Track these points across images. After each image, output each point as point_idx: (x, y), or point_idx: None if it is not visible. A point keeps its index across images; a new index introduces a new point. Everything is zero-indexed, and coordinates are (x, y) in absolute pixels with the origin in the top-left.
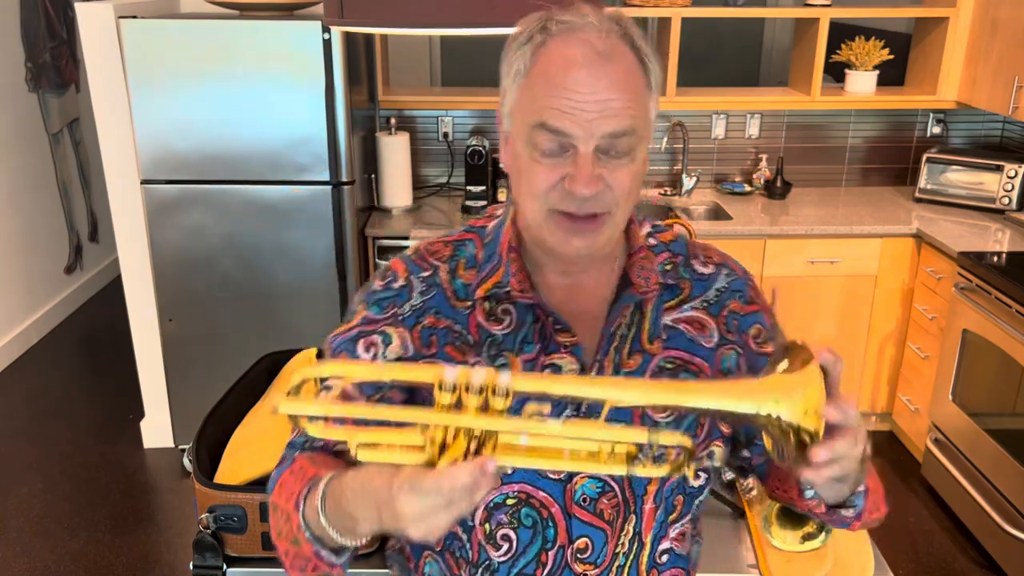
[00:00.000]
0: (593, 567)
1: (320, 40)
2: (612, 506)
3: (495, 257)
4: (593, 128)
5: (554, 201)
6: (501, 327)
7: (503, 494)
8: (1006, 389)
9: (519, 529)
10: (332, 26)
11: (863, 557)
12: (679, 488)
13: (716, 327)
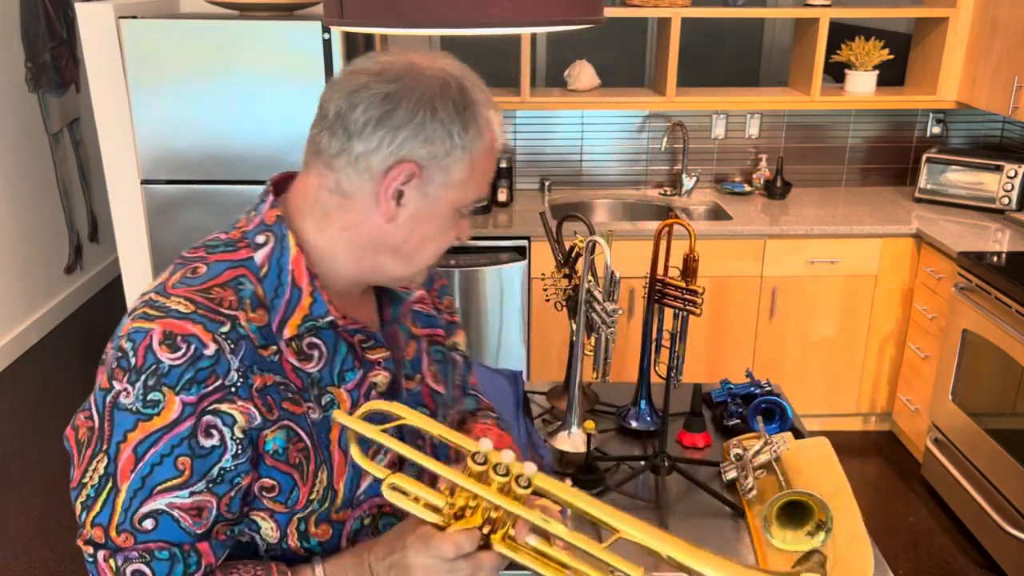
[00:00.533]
0: None
1: (320, 40)
2: (430, 477)
3: (284, 289)
4: None
5: (444, 249)
6: (313, 364)
7: (357, 520)
8: (1006, 389)
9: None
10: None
11: (863, 557)
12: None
13: (431, 299)
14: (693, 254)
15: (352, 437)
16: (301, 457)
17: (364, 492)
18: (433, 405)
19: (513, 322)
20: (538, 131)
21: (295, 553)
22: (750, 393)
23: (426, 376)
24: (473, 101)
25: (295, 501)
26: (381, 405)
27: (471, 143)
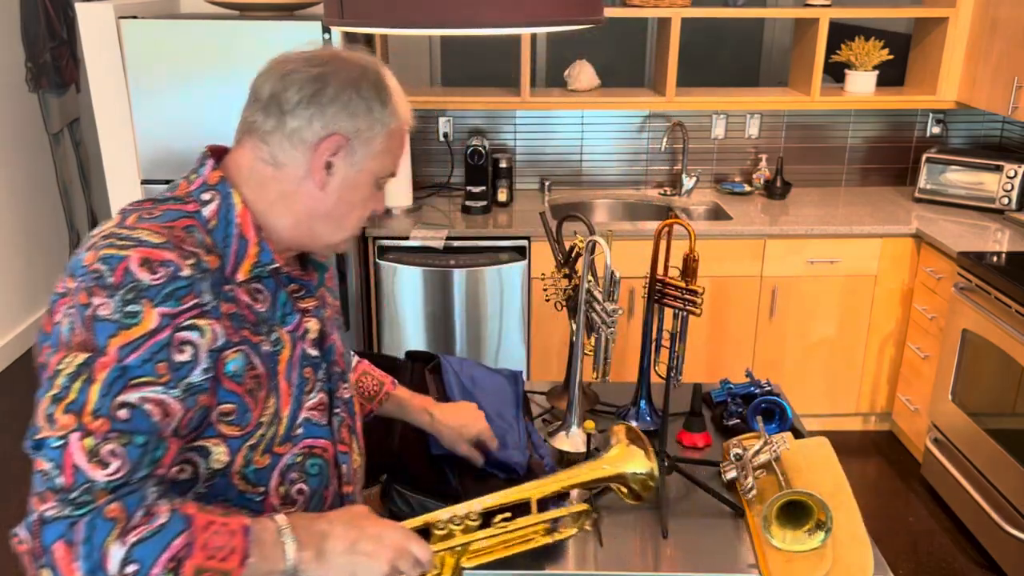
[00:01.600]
0: (350, 486)
1: (320, 40)
2: (347, 433)
3: (232, 240)
4: None
5: (364, 219)
6: (260, 305)
7: (292, 455)
8: (1006, 389)
9: (309, 480)
10: (332, 26)
11: (863, 557)
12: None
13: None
14: (693, 254)
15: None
16: (254, 383)
17: (302, 428)
18: (343, 365)
19: (513, 322)
20: (538, 131)
21: (231, 485)
22: (750, 393)
23: (336, 337)
24: (387, 86)
25: (247, 423)
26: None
27: (388, 119)
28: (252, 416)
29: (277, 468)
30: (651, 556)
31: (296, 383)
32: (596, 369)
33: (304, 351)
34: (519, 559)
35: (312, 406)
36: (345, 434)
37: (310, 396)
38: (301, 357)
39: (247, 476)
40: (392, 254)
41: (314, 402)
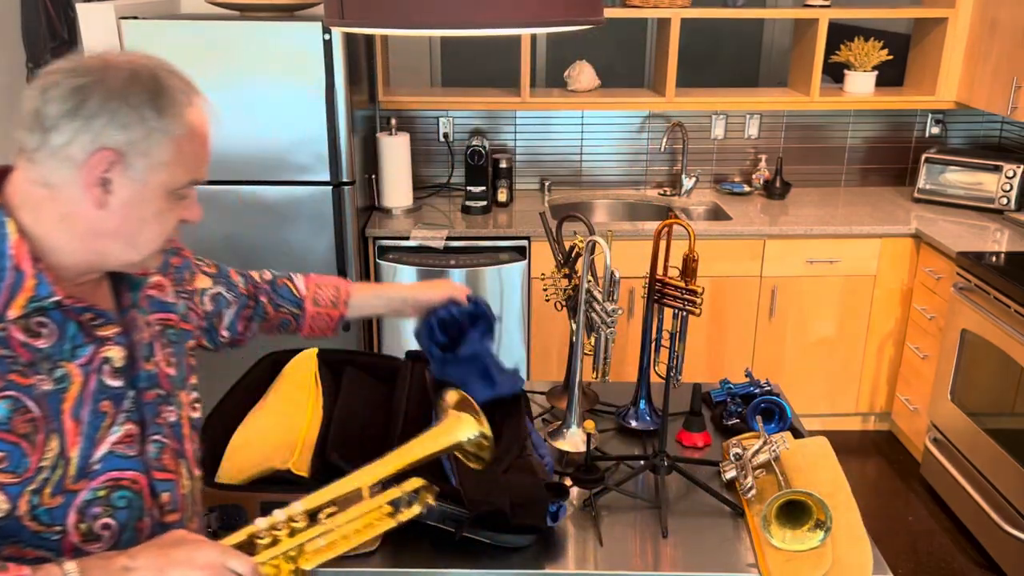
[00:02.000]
0: (175, 514)
1: (320, 41)
2: (171, 458)
3: (5, 274)
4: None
5: (168, 239)
6: (43, 340)
7: (92, 491)
8: (1005, 389)
9: (116, 513)
10: (332, 27)
11: (862, 556)
12: (196, 424)
13: (168, 284)
14: (693, 254)
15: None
16: (29, 427)
17: (100, 463)
18: (168, 387)
19: (513, 322)
20: (538, 131)
21: (22, 527)
22: (749, 393)
23: (160, 361)
24: (166, 87)
25: (25, 468)
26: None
27: (169, 127)
28: (31, 462)
29: (73, 506)
30: (651, 556)
31: (87, 420)
32: (596, 369)
33: (102, 383)
34: (517, 559)
35: (117, 440)
36: (168, 460)
37: (112, 431)
38: (97, 391)
39: (38, 517)
40: (392, 254)
41: (118, 436)
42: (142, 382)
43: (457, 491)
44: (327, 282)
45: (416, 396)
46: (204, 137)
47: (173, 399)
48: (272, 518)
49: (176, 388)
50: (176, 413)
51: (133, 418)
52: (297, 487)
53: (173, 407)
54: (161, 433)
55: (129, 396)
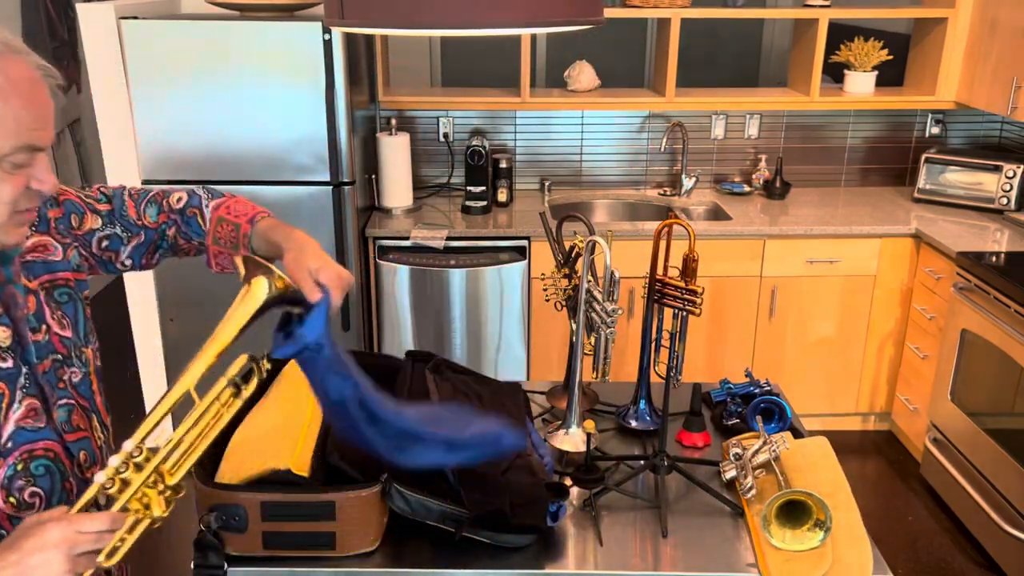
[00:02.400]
0: (96, 466)
1: (320, 41)
2: (80, 417)
3: None
4: (47, 139)
5: (22, 204)
6: None
7: (10, 467)
8: (1005, 389)
9: (38, 481)
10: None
11: (862, 556)
12: (99, 372)
13: (53, 237)
14: (692, 254)
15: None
16: None
17: (11, 440)
18: (64, 350)
19: (513, 322)
20: (538, 131)
21: None
22: (749, 393)
23: (52, 325)
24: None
25: None
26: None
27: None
28: None
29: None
30: (651, 556)
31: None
32: (596, 369)
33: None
34: (517, 559)
35: (20, 416)
36: (78, 420)
37: (13, 408)
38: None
39: None
40: (392, 254)
41: (21, 412)
42: (33, 355)
43: (457, 491)
44: (232, 215)
45: (416, 396)
46: (22, 99)
47: (73, 360)
48: (109, 468)
49: (76, 346)
50: (80, 371)
51: (31, 392)
52: (297, 487)
53: (75, 367)
54: (67, 396)
55: (23, 373)
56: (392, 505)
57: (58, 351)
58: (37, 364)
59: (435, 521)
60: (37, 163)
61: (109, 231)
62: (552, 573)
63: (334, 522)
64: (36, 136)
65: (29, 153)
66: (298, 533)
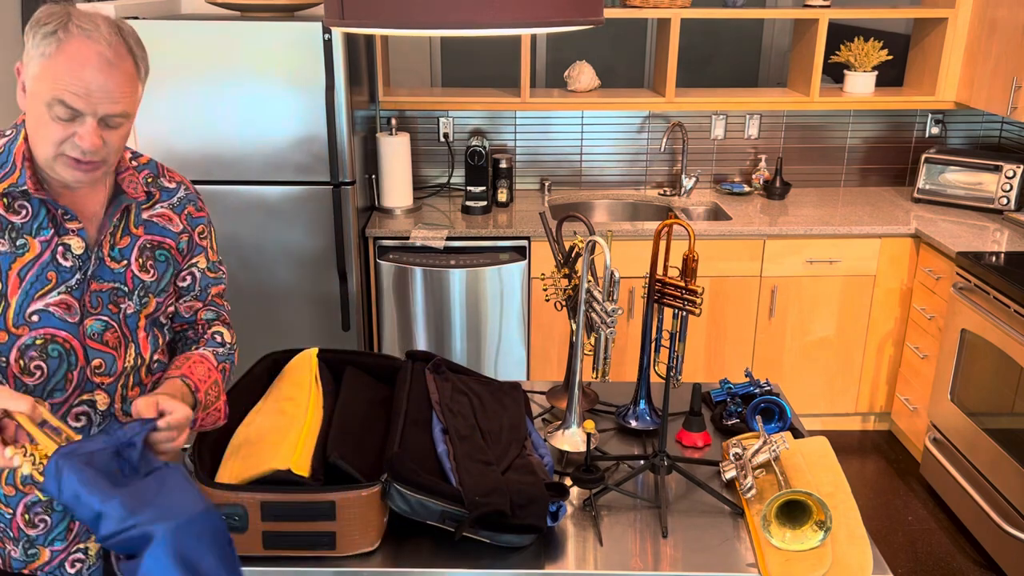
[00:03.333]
0: (108, 377)
1: (320, 41)
2: (115, 338)
3: (8, 165)
4: (98, 109)
5: (65, 149)
6: (19, 217)
7: (31, 338)
8: (1004, 389)
9: (48, 360)
10: (332, 27)
11: (862, 556)
12: (159, 324)
13: (180, 220)
14: (692, 254)
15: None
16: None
17: (39, 317)
18: (131, 286)
19: (513, 322)
20: (538, 131)
21: None
22: (749, 393)
23: (132, 263)
24: (53, 22)
25: None
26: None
27: (43, 49)
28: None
29: (16, 345)
30: (651, 556)
31: (30, 280)
32: (596, 369)
33: (55, 259)
34: (517, 559)
35: (52, 303)
36: (110, 338)
37: (48, 294)
38: (47, 262)
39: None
40: (392, 254)
41: (54, 300)
42: (95, 272)
43: (457, 491)
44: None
45: (416, 396)
46: (75, 64)
47: (135, 297)
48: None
49: (145, 290)
50: (135, 307)
51: (74, 294)
52: (297, 487)
53: (133, 302)
54: (111, 317)
55: (76, 277)
56: (392, 505)
57: (125, 283)
58: (94, 281)
59: (435, 521)
60: (83, 125)
61: (191, 283)
62: (552, 573)
63: (334, 522)
64: (71, 98)
65: (66, 110)
66: (298, 533)
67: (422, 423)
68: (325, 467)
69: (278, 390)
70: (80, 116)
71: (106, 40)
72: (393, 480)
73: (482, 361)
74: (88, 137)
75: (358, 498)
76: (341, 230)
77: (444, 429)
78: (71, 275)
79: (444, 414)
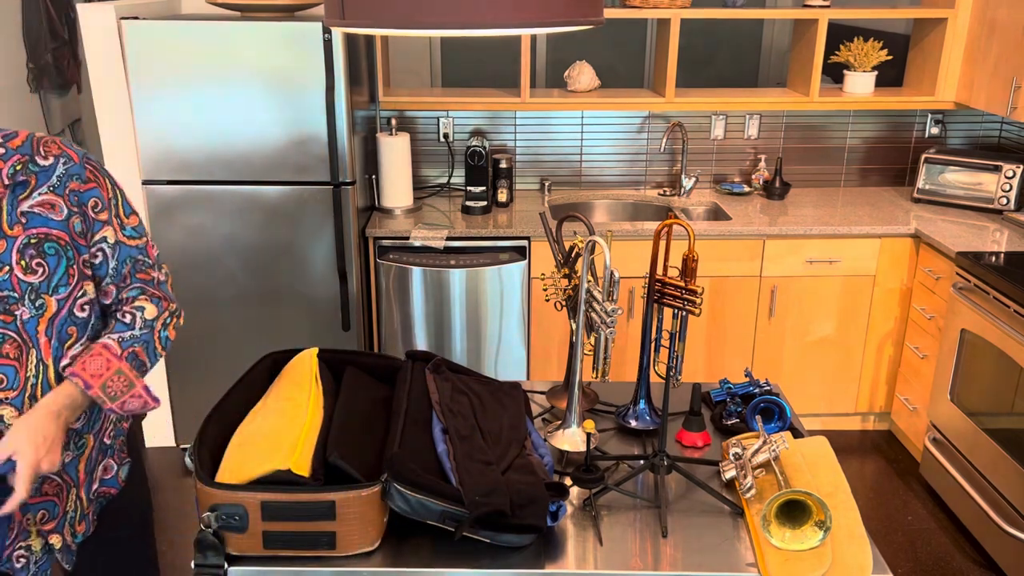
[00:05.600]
0: (13, 391)
1: (321, 41)
2: (15, 348)
3: None
4: None
5: None
6: None
7: None
8: (1004, 389)
9: None
10: (333, 27)
11: (862, 556)
12: (69, 321)
13: (63, 203)
14: (692, 254)
15: None
16: None
17: None
18: (20, 291)
19: (513, 322)
20: (538, 132)
21: None
22: (749, 392)
23: (15, 267)
24: None
25: None
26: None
27: None
28: None
29: None
30: (651, 555)
31: None
32: (596, 369)
33: None
34: (517, 559)
35: None
36: (9, 348)
37: None
38: None
39: None
40: (392, 254)
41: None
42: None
43: (457, 491)
44: (80, 359)
45: (416, 396)
46: None
47: (26, 301)
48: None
49: (37, 292)
50: (30, 312)
51: None
52: (297, 487)
53: (26, 307)
54: (6, 327)
55: None
56: (392, 505)
57: (13, 289)
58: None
59: (435, 521)
60: None
61: (103, 260)
62: (552, 573)
63: (334, 522)
64: None
65: None
66: (298, 533)
67: (422, 423)
68: (325, 467)
69: (278, 390)
70: None
71: None
72: (393, 480)
73: (482, 361)
74: None
75: (358, 498)
76: (341, 230)
77: (444, 429)
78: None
79: (444, 414)
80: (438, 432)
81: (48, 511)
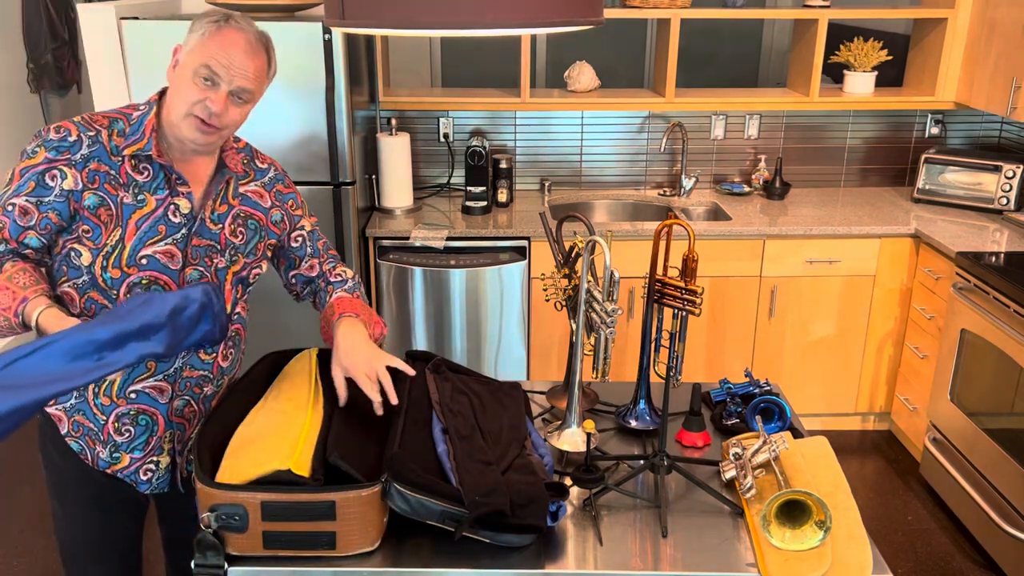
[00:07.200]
0: None
1: (321, 41)
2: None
3: (138, 132)
4: (234, 80)
5: (196, 109)
6: (142, 177)
7: (139, 277)
8: (1004, 389)
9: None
10: (333, 27)
11: (862, 556)
12: (246, 280)
13: (269, 197)
14: (692, 254)
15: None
16: (107, 216)
17: (147, 260)
18: (223, 245)
19: (513, 322)
20: (538, 132)
21: (96, 284)
22: (749, 392)
23: (226, 227)
24: (219, 19)
25: (99, 240)
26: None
27: (205, 32)
28: (103, 237)
29: (126, 282)
30: (651, 555)
31: (144, 229)
32: (596, 369)
33: (166, 215)
34: (517, 559)
35: (160, 251)
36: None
37: (157, 244)
38: (160, 217)
39: (105, 280)
40: (392, 254)
41: (161, 248)
42: (204, 233)
43: (457, 491)
44: (335, 305)
45: (416, 396)
46: (227, 43)
47: (226, 254)
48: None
49: (235, 250)
50: (224, 264)
51: (178, 246)
52: (297, 487)
53: (223, 259)
54: (203, 267)
55: (182, 232)
56: (392, 505)
57: (219, 243)
58: (195, 237)
59: (435, 521)
60: (217, 92)
61: (303, 243)
62: (552, 573)
63: (334, 522)
64: (217, 65)
65: (209, 73)
66: (298, 533)
67: (422, 423)
68: (325, 467)
69: (278, 390)
70: (217, 85)
71: (254, 35)
72: (393, 480)
73: (482, 361)
74: (218, 102)
75: (358, 498)
76: (341, 230)
77: (444, 429)
78: (178, 230)
79: (444, 414)
80: (438, 432)
81: (180, 432)
